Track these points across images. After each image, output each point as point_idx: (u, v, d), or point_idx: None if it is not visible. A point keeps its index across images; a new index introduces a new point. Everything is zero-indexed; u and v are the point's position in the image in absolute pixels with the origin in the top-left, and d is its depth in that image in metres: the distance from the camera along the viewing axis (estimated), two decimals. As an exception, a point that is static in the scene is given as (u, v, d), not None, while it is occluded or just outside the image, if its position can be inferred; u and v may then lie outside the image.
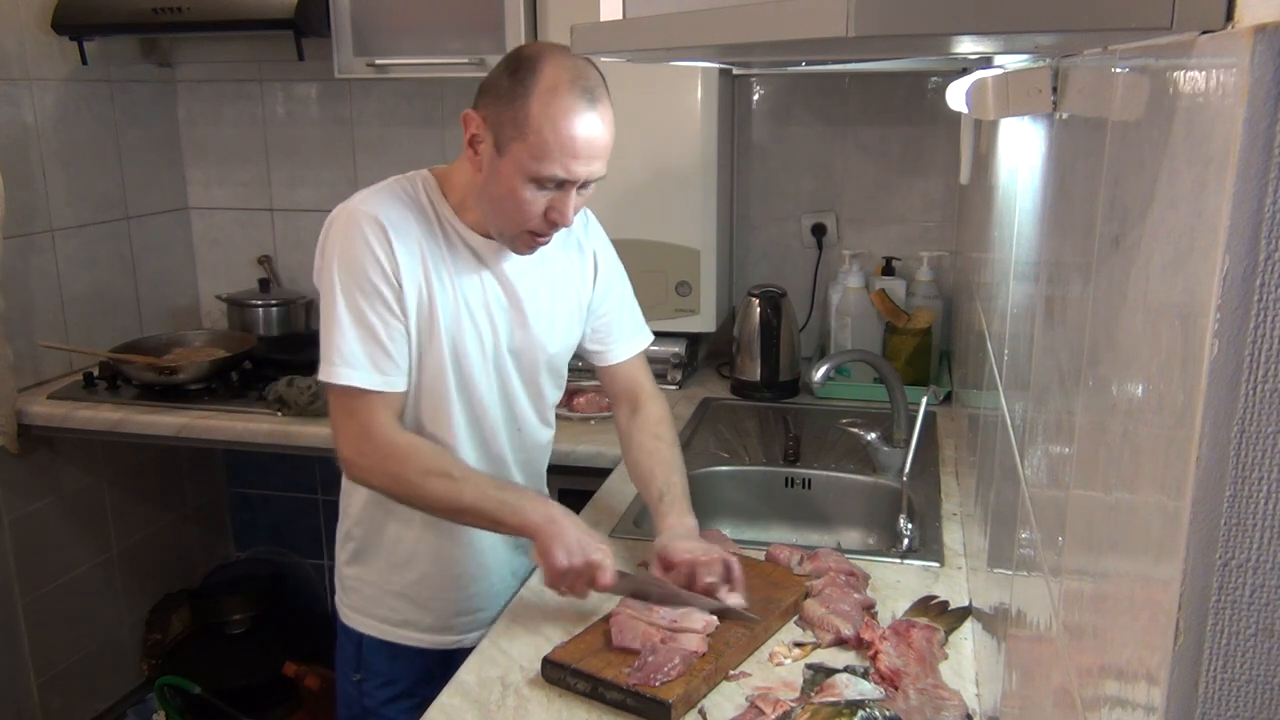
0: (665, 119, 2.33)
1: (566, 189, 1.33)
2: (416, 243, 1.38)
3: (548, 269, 1.52)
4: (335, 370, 1.35)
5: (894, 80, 2.51)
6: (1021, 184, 1.18)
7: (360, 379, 1.35)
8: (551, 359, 1.56)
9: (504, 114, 1.30)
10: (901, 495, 1.76)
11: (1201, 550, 0.44)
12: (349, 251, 1.35)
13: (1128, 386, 0.57)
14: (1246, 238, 0.41)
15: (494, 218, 1.39)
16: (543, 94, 1.28)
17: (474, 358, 1.45)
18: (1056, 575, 0.75)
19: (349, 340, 1.34)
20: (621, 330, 1.65)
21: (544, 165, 1.29)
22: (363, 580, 1.56)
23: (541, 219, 1.35)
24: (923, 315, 2.40)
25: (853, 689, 1.20)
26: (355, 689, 1.59)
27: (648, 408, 1.66)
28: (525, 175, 1.31)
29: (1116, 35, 0.63)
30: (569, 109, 1.29)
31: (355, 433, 1.37)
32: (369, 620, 1.56)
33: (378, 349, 1.36)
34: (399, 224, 1.37)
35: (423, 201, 1.42)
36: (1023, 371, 1.04)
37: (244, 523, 3.17)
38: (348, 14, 2.38)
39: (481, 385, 1.47)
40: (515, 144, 1.30)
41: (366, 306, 1.35)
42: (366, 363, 1.35)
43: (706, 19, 0.71)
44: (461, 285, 1.42)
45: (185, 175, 2.99)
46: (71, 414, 2.36)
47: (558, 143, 1.29)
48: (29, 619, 2.46)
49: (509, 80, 1.31)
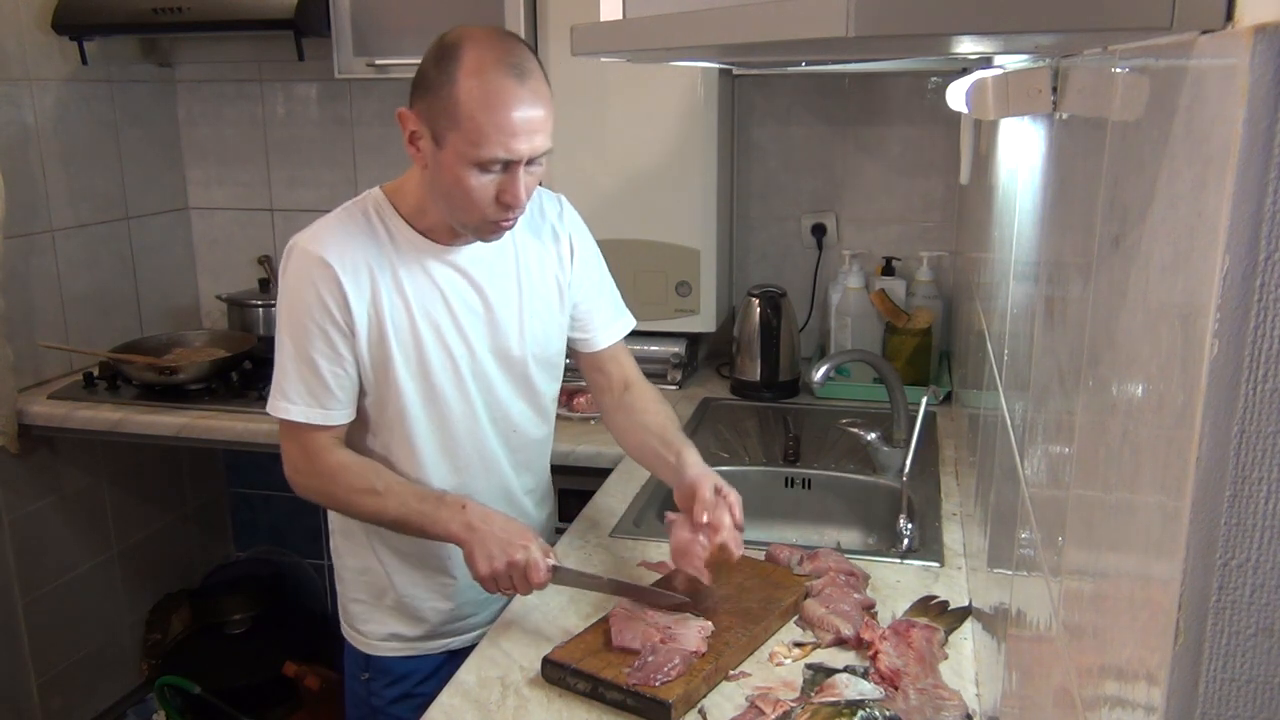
0: (665, 119, 2.33)
1: (513, 169, 1.31)
2: (367, 271, 1.38)
3: (519, 261, 1.49)
4: (277, 404, 1.41)
5: (894, 80, 2.51)
6: (1021, 184, 1.18)
7: (297, 414, 1.40)
8: (539, 351, 1.53)
9: (435, 106, 1.29)
10: (901, 495, 1.76)
11: (1201, 550, 0.44)
12: (294, 292, 1.38)
13: (1128, 386, 0.57)
14: (1246, 238, 0.41)
15: (450, 211, 1.37)
16: (468, 78, 1.26)
17: (440, 372, 1.44)
18: (1056, 575, 0.75)
19: (290, 377, 1.39)
20: (603, 315, 1.62)
21: (483, 149, 1.27)
22: (353, 598, 1.58)
23: (495, 204, 1.33)
24: (923, 315, 2.40)
25: (853, 689, 1.20)
26: (364, 688, 1.59)
27: (639, 386, 1.64)
28: (468, 163, 1.29)
29: (1116, 35, 0.63)
30: (498, 89, 1.26)
31: (295, 455, 1.44)
32: (363, 638, 1.58)
33: (318, 384, 1.39)
34: (345, 256, 1.37)
35: (373, 223, 1.41)
36: (1023, 371, 1.04)
37: (244, 523, 3.17)
38: (348, 14, 2.38)
39: (453, 397, 1.46)
40: (451, 134, 1.28)
41: (309, 345, 1.38)
42: (306, 397, 1.40)
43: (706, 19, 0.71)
44: (422, 301, 1.41)
45: (185, 175, 2.99)
46: (71, 414, 2.36)
47: (493, 124, 1.26)
48: (29, 619, 2.46)
49: (434, 70, 1.29)
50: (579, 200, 1.63)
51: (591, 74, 2.29)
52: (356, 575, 1.57)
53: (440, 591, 1.55)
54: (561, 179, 2.34)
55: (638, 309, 1.73)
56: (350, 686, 1.63)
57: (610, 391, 1.64)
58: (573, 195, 1.53)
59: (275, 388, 1.41)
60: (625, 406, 1.61)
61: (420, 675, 1.57)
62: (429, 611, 1.56)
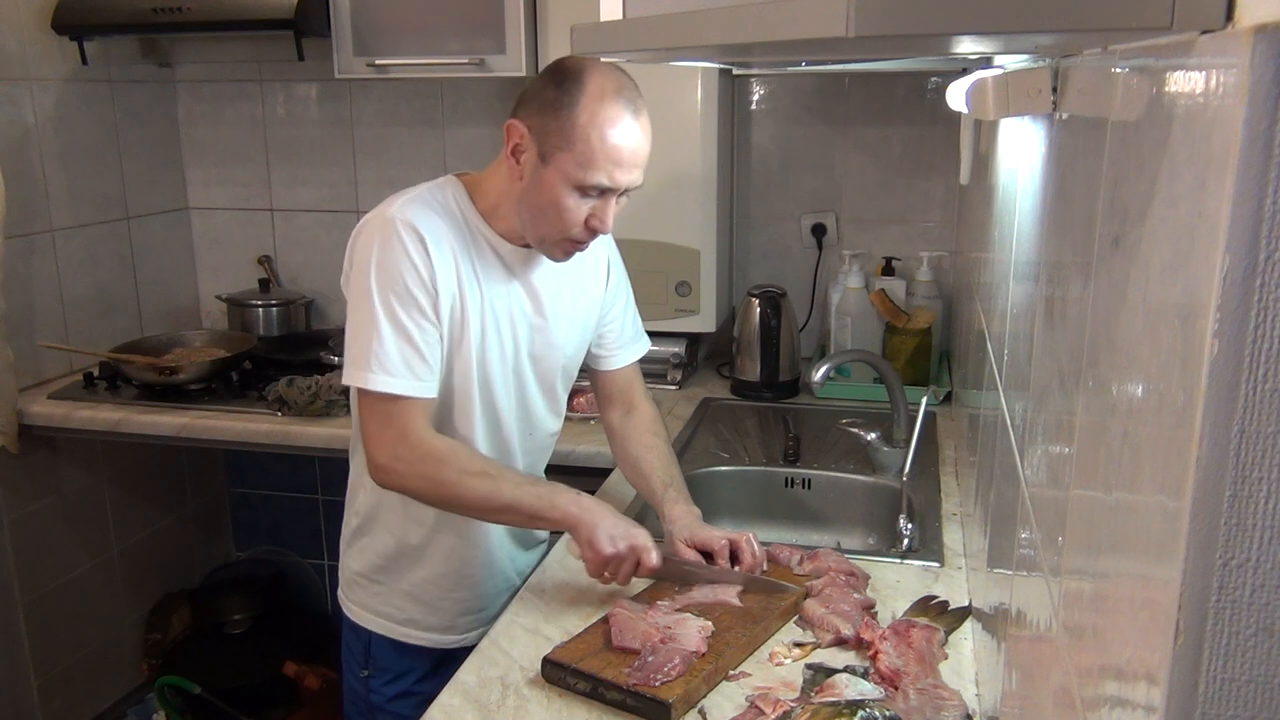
0: (665, 119, 2.32)
1: (608, 197, 1.36)
2: (450, 250, 1.39)
3: (569, 277, 1.54)
4: (372, 377, 1.34)
5: (894, 80, 2.51)
6: (1021, 184, 1.18)
7: (398, 386, 1.35)
8: (568, 363, 1.59)
9: (550, 124, 1.33)
10: (901, 495, 1.75)
11: (1201, 550, 0.44)
12: (386, 258, 1.35)
13: (1128, 386, 0.57)
14: (1246, 238, 0.41)
15: (534, 226, 1.40)
16: (590, 104, 1.31)
17: (495, 364, 1.47)
18: (1056, 575, 0.75)
19: (386, 346, 1.34)
20: (625, 336, 1.69)
21: (590, 174, 1.32)
22: (369, 578, 1.57)
23: (582, 227, 1.38)
24: (923, 315, 2.40)
25: (853, 689, 1.20)
26: (363, 685, 1.60)
27: (642, 408, 1.71)
28: (571, 184, 1.33)
29: (1116, 35, 0.63)
30: (616, 118, 1.32)
31: (392, 438, 1.36)
32: (376, 618, 1.57)
33: (414, 354, 1.36)
34: (435, 231, 1.38)
35: (454, 209, 1.43)
36: (1023, 371, 1.04)
37: (244, 523, 3.17)
38: (348, 14, 2.38)
39: (500, 391, 1.49)
40: (561, 153, 1.32)
41: (403, 312, 1.35)
42: (403, 369, 1.35)
43: (706, 19, 0.72)
44: (490, 293, 1.44)
45: (185, 175, 2.99)
46: (71, 414, 2.36)
47: (604, 151, 1.32)
48: (29, 619, 2.46)
49: (555, 91, 1.33)
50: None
51: (591, 74, 2.29)
52: (375, 557, 1.55)
53: (467, 582, 1.56)
54: (561, 179, 2.34)
55: (637, 309, 1.73)
56: (349, 684, 1.63)
57: (613, 410, 1.71)
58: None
59: (366, 361, 1.34)
60: (623, 435, 1.69)
61: (419, 673, 1.57)
62: (447, 601, 1.56)
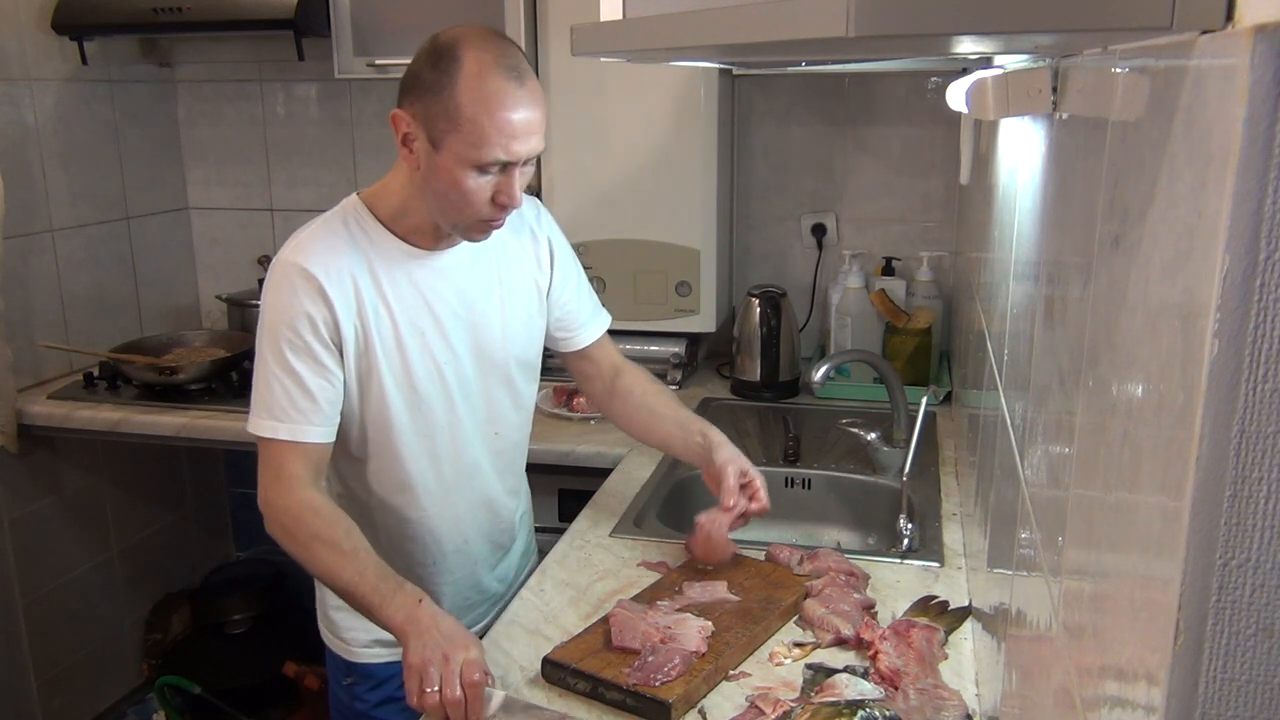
0: (665, 119, 2.33)
1: (510, 170, 1.31)
2: (350, 280, 1.36)
3: (500, 262, 1.49)
4: (255, 421, 1.35)
5: (894, 80, 2.51)
6: (1021, 184, 1.18)
7: (283, 431, 1.34)
8: (521, 351, 1.53)
9: (433, 108, 1.28)
10: (901, 495, 1.75)
11: (1201, 550, 0.44)
12: (277, 303, 1.34)
13: (1128, 387, 0.57)
14: (1246, 238, 0.41)
15: (443, 212, 1.36)
16: (469, 81, 1.26)
17: (425, 379, 1.43)
18: (1056, 575, 0.75)
19: (273, 392, 1.34)
20: (584, 314, 1.63)
21: (484, 152, 1.27)
22: (331, 606, 1.55)
23: (490, 204, 1.33)
24: (923, 315, 2.40)
25: (853, 689, 1.20)
26: (347, 693, 1.58)
27: (628, 370, 1.66)
28: (467, 164, 1.29)
29: (1116, 35, 0.63)
30: (499, 92, 1.26)
31: (267, 481, 1.35)
32: (345, 645, 1.56)
33: (303, 397, 1.34)
34: (330, 266, 1.35)
35: (353, 231, 1.39)
36: (1023, 371, 1.04)
37: (244, 523, 3.17)
38: (348, 14, 2.38)
39: (438, 404, 1.45)
40: (450, 136, 1.28)
41: (293, 357, 1.34)
42: (285, 414, 1.34)
43: (706, 19, 0.72)
44: (406, 308, 1.40)
45: (185, 175, 2.99)
46: (71, 414, 2.36)
47: (494, 127, 1.26)
48: (29, 619, 2.46)
49: (432, 73, 1.28)
50: (579, 200, 1.63)
51: (591, 74, 2.29)
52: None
53: None
54: (561, 179, 2.34)
55: (638, 309, 1.73)
56: (333, 691, 1.62)
57: (600, 379, 1.66)
58: (573, 195, 1.53)
59: (255, 405, 1.36)
60: (621, 392, 1.64)
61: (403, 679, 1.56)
62: None
